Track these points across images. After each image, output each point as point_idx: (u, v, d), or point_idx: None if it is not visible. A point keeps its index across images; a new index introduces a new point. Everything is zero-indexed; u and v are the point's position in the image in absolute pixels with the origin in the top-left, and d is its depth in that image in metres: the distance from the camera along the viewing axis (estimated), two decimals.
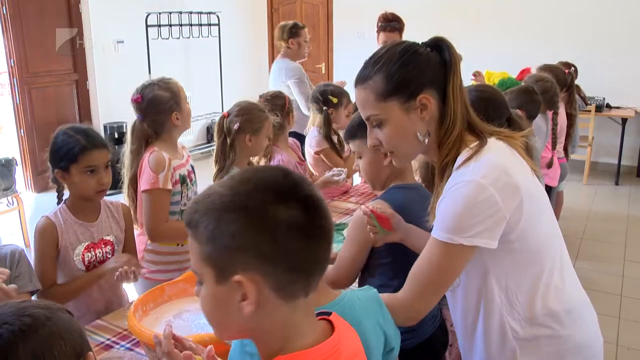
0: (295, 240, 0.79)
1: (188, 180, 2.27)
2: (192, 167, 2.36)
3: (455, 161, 1.27)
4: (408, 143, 1.32)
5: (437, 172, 1.32)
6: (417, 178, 2.04)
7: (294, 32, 4.14)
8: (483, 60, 6.18)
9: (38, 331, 0.90)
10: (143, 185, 2.14)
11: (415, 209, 1.67)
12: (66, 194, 1.95)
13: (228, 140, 2.35)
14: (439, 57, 1.29)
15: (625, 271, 3.99)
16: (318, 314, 0.93)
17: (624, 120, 6.06)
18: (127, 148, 2.24)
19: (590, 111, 5.81)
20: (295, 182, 0.83)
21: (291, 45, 4.16)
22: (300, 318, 0.84)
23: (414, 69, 1.26)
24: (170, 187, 2.17)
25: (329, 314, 0.94)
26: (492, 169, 1.21)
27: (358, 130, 1.69)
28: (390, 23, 4.08)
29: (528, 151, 1.41)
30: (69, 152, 1.83)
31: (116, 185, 2.40)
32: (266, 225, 0.78)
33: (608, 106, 6.19)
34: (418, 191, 1.76)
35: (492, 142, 1.29)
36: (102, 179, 1.87)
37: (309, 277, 0.83)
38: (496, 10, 6.68)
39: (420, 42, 1.31)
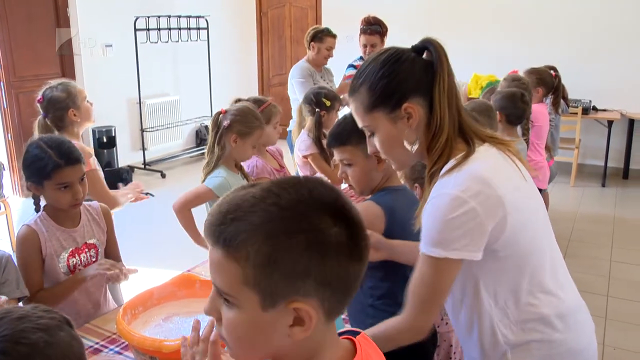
0: (347, 264, 0.76)
1: None
2: None
3: (442, 169, 1.26)
4: (398, 151, 1.32)
5: (426, 178, 1.31)
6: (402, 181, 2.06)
7: (318, 37, 4.21)
8: (471, 63, 6.24)
9: None
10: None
11: (404, 211, 1.68)
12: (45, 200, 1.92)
13: (217, 136, 2.40)
14: (426, 60, 1.27)
15: (611, 272, 4.04)
16: (345, 332, 0.90)
17: (610, 123, 6.13)
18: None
19: (577, 114, 5.88)
20: (345, 202, 0.79)
21: (312, 49, 4.24)
22: (327, 338, 0.81)
23: (396, 79, 1.25)
24: (94, 167, 2.52)
25: (357, 332, 0.90)
26: (473, 182, 1.20)
27: (350, 136, 1.67)
28: (371, 26, 4.14)
29: None
30: (42, 169, 1.78)
31: None
32: (326, 250, 0.74)
33: (594, 109, 6.25)
34: (405, 192, 1.78)
35: (482, 150, 1.27)
36: (77, 194, 1.83)
37: (351, 298, 0.81)
38: (485, 14, 6.73)
39: (409, 46, 1.30)
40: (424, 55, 1.28)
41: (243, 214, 0.74)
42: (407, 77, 1.26)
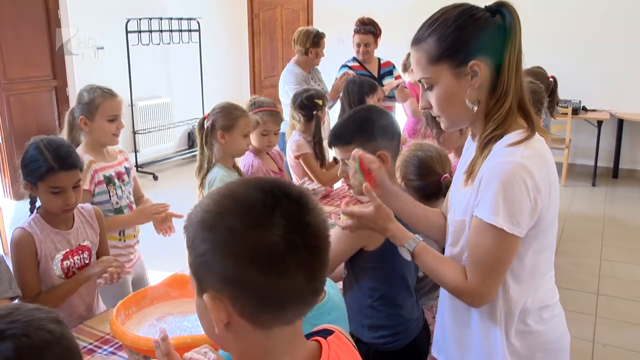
0: (262, 272, 0.72)
1: (117, 180, 2.38)
2: (127, 168, 2.49)
3: (500, 137, 1.24)
4: (455, 109, 1.29)
5: (479, 145, 1.29)
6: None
7: (316, 42, 4.22)
8: None
9: (52, 349, 0.89)
10: None
11: None
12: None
13: (203, 138, 2.44)
14: (499, 22, 1.24)
15: (601, 270, 4.08)
16: (317, 332, 0.89)
17: (600, 123, 6.19)
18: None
19: (567, 114, 5.93)
20: (278, 204, 0.74)
21: (310, 54, 4.24)
22: (279, 346, 0.79)
23: (468, 34, 1.22)
24: (87, 187, 2.24)
25: (330, 332, 0.89)
26: (540, 160, 1.21)
27: (354, 136, 1.67)
28: (365, 26, 4.18)
29: None
30: (36, 171, 1.78)
31: None
32: (232, 252, 0.72)
33: (584, 109, 6.31)
34: None
35: (536, 134, 1.26)
36: (68, 200, 1.82)
37: (283, 309, 0.76)
38: None
39: (483, 6, 1.27)
40: (495, 18, 1.26)
41: (199, 203, 0.79)
42: (480, 34, 1.23)
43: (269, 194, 0.75)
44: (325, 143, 3.21)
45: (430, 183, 2.02)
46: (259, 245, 0.72)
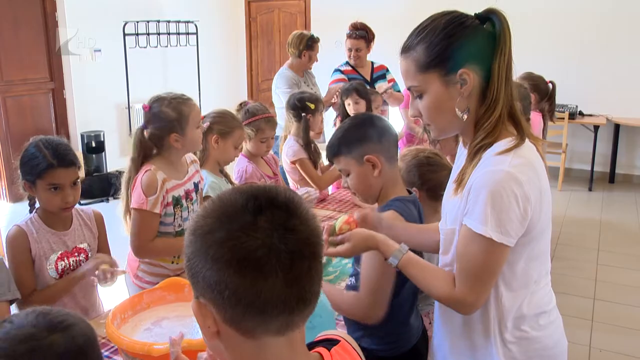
0: (239, 275, 0.72)
1: (184, 200, 2.17)
2: (196, 184, 2.25)
3: (490, 146, 1.24)
4: (445, 117, 1.28)
5: (468, 154, 1.28)
6: None
7: (309, 45, 4.23)
8: None
9: (87, 355, 0.93)
10: (133, 202, 2.09)
11: (414, 221, 1.66)
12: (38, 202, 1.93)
13: None
14: (489, 30, 1.24)
15: (598, 275, 4.08)
16: (321, 342, 0.88)
17: (596, 128, 6.21)
18: (130, 155, 2.20)
19: (563, 119, 5.94)
20: (262, 209, 0.74)
21: (303, 57, 4.24)
22: (273, 359, 0.78)
23: (457, 42, 1.21)
24: (157, 211, 2.07)
25: (336, 342, 0.88)
26: (529, 169, 1.20)
27: (340, 146, 1.67)
28: (357, 31, 4.20)
29: None
30: (35, 168, 1.80)
31: (93, 195, 2.36)
32: (211, 254, 0.73)
33: (581, 114, 6.33)
34: (414, 204, 1.72)
35: (527, 142, 1.26)
36: (67, 197, 1.84)
37: (264, 315, 0.74)
38: None
39: (472, 13, 1.26)
40: (485, 26, 1.25)
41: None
42: (469, 42, 1.22)
43: (254, 199, 0.75)
44: (318, 145, 3.23)
45: (444, 177, 2.01)
46: (238, 248, 0.72)
